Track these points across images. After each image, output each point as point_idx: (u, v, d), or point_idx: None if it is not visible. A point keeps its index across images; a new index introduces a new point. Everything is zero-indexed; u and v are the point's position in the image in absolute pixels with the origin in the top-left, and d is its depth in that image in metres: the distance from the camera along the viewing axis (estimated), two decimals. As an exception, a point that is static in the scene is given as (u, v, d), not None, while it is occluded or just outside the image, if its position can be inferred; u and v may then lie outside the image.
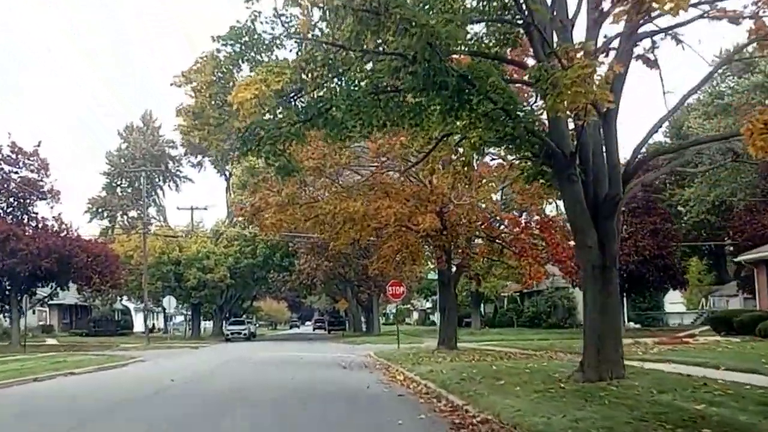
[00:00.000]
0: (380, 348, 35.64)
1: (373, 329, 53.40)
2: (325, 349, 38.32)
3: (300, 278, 51.55)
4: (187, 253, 52.49)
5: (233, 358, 28.84)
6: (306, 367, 22.32)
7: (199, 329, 59.34)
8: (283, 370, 20.64)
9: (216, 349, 40.62)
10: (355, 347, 40.22)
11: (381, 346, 40.29)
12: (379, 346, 40.47)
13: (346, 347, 40.31)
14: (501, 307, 68.34)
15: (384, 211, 19.77)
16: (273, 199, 22.02)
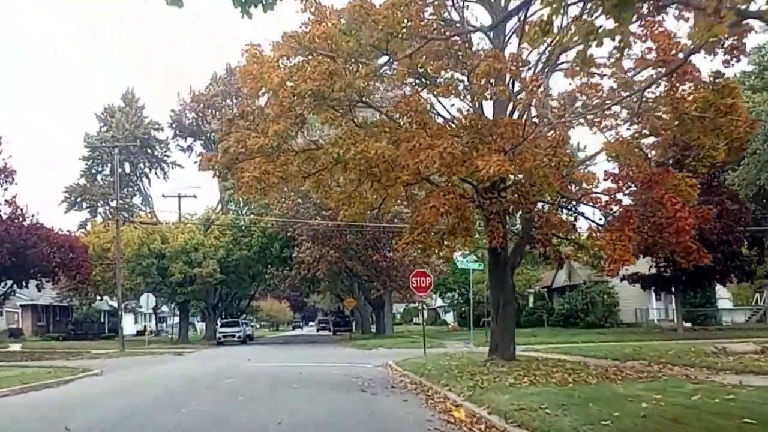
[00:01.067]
0: (400, 353, 29.04)
1: (385, 330, 46.63)
2: (331, 355, 31.59)
3: (300, 271, 44.82)
4: (172, 245, 45.79)
5: (211, 371, 22.08)
6: (307, 389, 15.56)
7: (187, 331, 52.57)
8: (273, 399, 13.87)
9: (201, 357, 33.91)
10: (368, 352, 33.50)
11: (399, 350, 33.68)
12: (397, 350, 33.82)
13: (356, 353, 33.61)
14: (526, 305, 61.60)
15: (422, 153, 13.00)
16: (254, 141, 15.21)
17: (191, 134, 61.57)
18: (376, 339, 44.69)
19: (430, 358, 23.61)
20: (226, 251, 46.24)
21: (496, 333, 18.18)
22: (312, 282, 50.71)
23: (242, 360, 27.92)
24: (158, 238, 45.54)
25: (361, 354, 32.41)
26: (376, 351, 35.09)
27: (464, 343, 38.65)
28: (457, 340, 41.53)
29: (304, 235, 44.19)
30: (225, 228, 46.92)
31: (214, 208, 50.00)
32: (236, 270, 49.75)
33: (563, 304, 48.56)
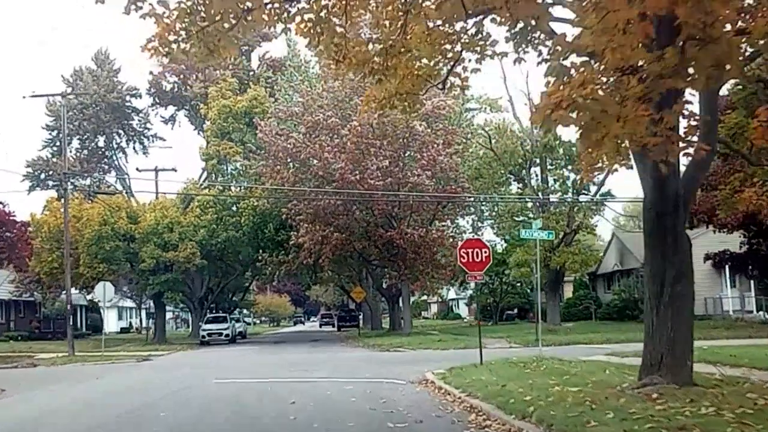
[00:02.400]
0: (433, 358, 21.07)
1: (403, 326, 38.35)
2: (338, 360, 23.34)
3: (300, 256, 36.60)
4: (142, 225, 37.61)
5: (141, 403, 13.65)
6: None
7: (164, 328, 44.35)
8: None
9: (162, 366, 25.76)
10: (386, 356, 25.36)
11: (428, 353, 25.62)
12: (425, 353, 25.71)
13: (371, 356, 25.40)
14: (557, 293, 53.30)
15: None
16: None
17: (172, 101, 53.23)
18: (392, 337, 36.46)
19: (496, 370, 15.43)
20: (208, 232, 38.04)
21: (656, 336, 9.69)
22: (314, 269, 42.44)
23: (213, 371, 19.72)
24: (125, 217, 37.30)
25: (378, 358, 24.24)
26: (396, 354, 26.92)
27: (506, 341, 30.48)
28: (489, 337, 33.37)
29: (303, 214, 35.97)
30: (207, 205, 38.67)
31: (196, 181, 41.67)
32: (222, 255, 41.57)
33: (618, 293, 40.21)
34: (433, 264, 36.64)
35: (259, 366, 21.81)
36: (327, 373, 18.15)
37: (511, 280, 53.60)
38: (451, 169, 35.37)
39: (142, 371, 21.31)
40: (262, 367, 21.11)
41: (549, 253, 31.90)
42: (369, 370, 18.72)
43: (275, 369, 20.09)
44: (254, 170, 36.72)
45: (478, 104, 42.58)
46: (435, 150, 35.06)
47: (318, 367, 20.12)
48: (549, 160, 33.48)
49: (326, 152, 34.31)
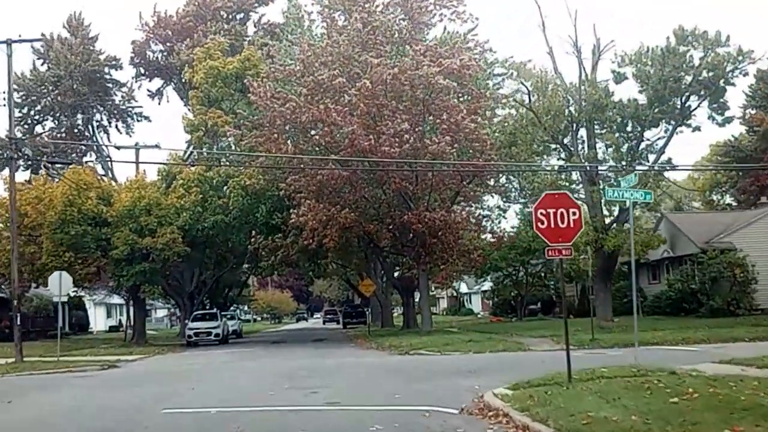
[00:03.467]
0: (476, 365, 15.88)
1: (422, 324, 32.62)
2: (349, 369, 17.62)
3: (300, 239, 31.01)
4: (116, 208, 32.04)
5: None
6: None
7: (143, 327, 38.70)
8: None
9: (129, 375, 20.27)
10: (407, 361, 19.81)
11: (464, 357, 20.21)
12: (461, 358, 20.27)
13: (389, 362, 19.74)
14: (588, 286, 47.61)
15: None
16: None
17: (158, 73, 47.63)
18: (409, 336, 30.80)
19: (605, 393, 9.79)
20: (192, 215, 32.40)
21: None
22: (316, 256, 36.78)
23: (177, 389, 14.11)
24: (94, 197, 31.69)
25: (400, 366, 18.64)
26: (420, 358, 21.35)
27: (552, 341, 24.87)
28: (528, 336, 27.75)
29: (304, 190, 30.37)
30: (192, 184, 33.01)
31: (180, 156, 35.86)
32: (209, 242, 35.95)
33: (673, 284, 34.41)
34: (458, 250, 31.03)
35: (244, 379, 16.20)
36: (336, 392, 12.53)
37: (537, 271, 48.03)
38: (478, 137, 29.71)
39: (82, 388, 15.66)
40: (247, 381, 15.50)
41: (601, 234, 26.21)
42: (394, 387, 13.12)
43: (264, 385, 14.48)
44: (246, 141, 31.06)
45: (504, 68, 36.85)
46: (459, 114, 29.44)
47: (323, 381, 14.50)
48: (597, 123, 27.71)
49: (334, 113, 28.67)
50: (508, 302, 54.10)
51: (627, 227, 26.75)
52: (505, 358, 19.44)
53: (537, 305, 54.11)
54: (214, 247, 37.52)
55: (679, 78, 26.72)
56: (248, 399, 12.31)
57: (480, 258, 31.50)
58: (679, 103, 27.47)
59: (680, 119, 27.64)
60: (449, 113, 29.49)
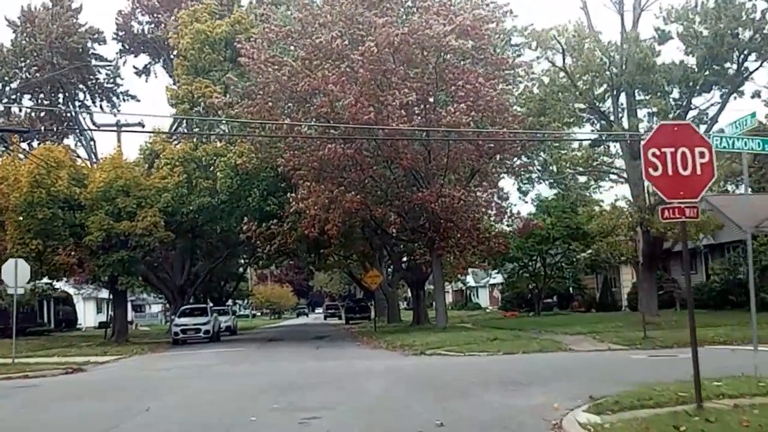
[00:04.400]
0: (517, 371, 12.98)
1: (437, 319, 28.85)
2: (358, 379, 13.85)
3: (299, 225, 27.31)
4: (90, 189, 28.33)
5: None
6: None
7: (125, 323, 34.91)
8: None
9: (83, 384, 16.69)
10: (426, 363, 16.05)
11: (494, 360, 16.72)
12: (491, 361, 16.70)
13: (406, 366, 15.96)
14: (611, 278, 43.97)
15: None
16: None
17: (145, 48, 43.83)
18: (422, 333, 27.04)
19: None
20: (175, 197, 28.68)
21: None
22: (317, 245, 33.07)
23: (121, 413, 10.39)
24: (66, 177, 27.97)
25: (418, 370, 15.01)
26: (441, 360, 17.73)
27: (593, 339, 21.20)
28: (560, 333, 24.08)
29: (303, 168, 26.65)
30: (176, 162, 29.27)
31: (164, 132, 31.97)
32: (198, 228, 32.29)
33: (722, 272, 30.60)
34: (478, 236, 27.36)
35: (223, 391, 12.50)
36: (344, 419, 8.86)
37: (557, 262, 44.29)
38: (499, 106, 26.01)
39: (2, 407, 11.98)
40: (225, 396, 11.79)
41: (647, 215, 22.48)
42: (426, 408, 9.43)
43: (246, 402, 10.81)
44: (236, 112, 27.33)
45: (524, 38, 33.07)
46: (477, 79, 25.75)
47: (325, 398, 10.84)
48: (640, 88, 23.91)
49: (331, 83, 24.99)
50: (522, 296, 50.38)
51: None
52: (550, 362, 15.77)
53: (552, 299, 50.48)
54: (203, 235, 33.83)
55: (736, 34, 22.97)
56: (217, 428, 8.63)
57: (502, 245, 27.79)
58: (735, 65, 23.73)
59: (736, 83, 23.90)
60: (465, 79, 25.83)
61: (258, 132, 27.34)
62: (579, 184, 30.36)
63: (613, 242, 23.40)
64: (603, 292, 43.98)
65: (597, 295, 45.52)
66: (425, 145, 27.53)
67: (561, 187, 30.48)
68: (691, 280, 34.68)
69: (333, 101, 25.35)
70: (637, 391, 9.17)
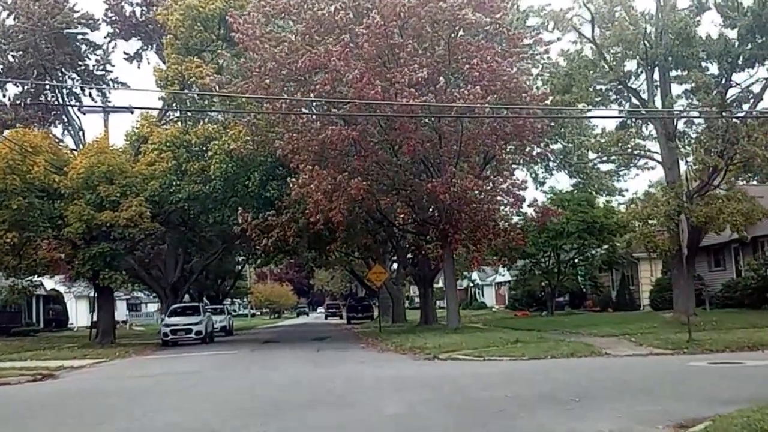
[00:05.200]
0: (561, 381, 11.15)
1: (448, 319, 26.42)
2: (369, 393, 11.46)
3: (297, 216, 24.95)
4: (71, 177, 25.95)
5: None
6: None
7: (112, 323, 32.43)
8: None
9: (42, 395, 14.27)
10: (447, 371, 13.62)
11: (522, 366, 14.91)
12: (519, 367, 14.40)
13: (426, 377, 13.43)
14: (630, 276, 41.56)
15: None
16: None
17: (136, 32, 41.35)
18: (432, 334, 24.67)
19: None
20: (164, 185, 26.30)
21: None
22: (318, 241, 30.71)
23: None
24: (43, 163, 25.59)
25: (439, 380, 12.63)
26: (460, 367, 15.31)
27: (631, 342, 18.80)
28: (588, 335, 21.71)
29: (303, 152, 24.25)
30: (164, 147, 26.88)
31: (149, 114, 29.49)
32: (191, 220, 29.94)
33: (760, 268, 28.09)
34: (494, 228, 24.98)
35: (200, 410, 10.12)
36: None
37: (570, 258, 41.88)
38: (518, 86, 23.62)
39: None
40: (202, 416, 9.42)
41: (687, 203, 20.07)
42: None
43: (227, 426, 8.46)
44: (230, 90, 24.93)
45: (540, 18, 30.68)
46: (494, 57, 23.37)
47: (328, 420, 8.49)
48: (677, 62, 21.47)
49: (334, 57, 22.60)
50: (532, 294, 47.97)
51: (722, 193, 20.68)
52: (591, 370, 13.38)
53: (563, 298, 48.08)
54: (195, 227, 31.46)
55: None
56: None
57: (519, 238, 25.41)
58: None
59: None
60: (481, 57, 23.44)
61: (254, 113, 24.97)
62: (601, 173, 27.93)
63: (648, 233, 20.98)
64: (620, 290, 41.57)
65: (613, 293, 43.11)
66: (435, 130, 25.18)
67: (581, 176, 28.00)
68: (716, 278, 32.55)
69: (336, 78, 22.98)
70: (742, 414, 6.84)
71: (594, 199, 39.18)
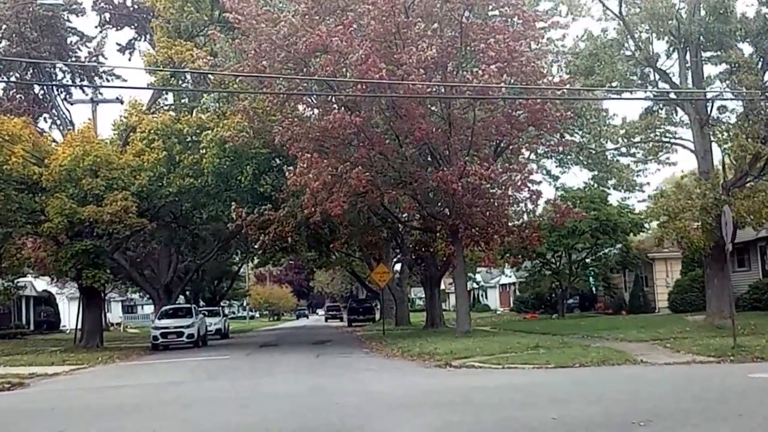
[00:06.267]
0: (662, 412, 7.33)
1: (458, 322, 24.50)
2: (383, 422, 9.65)
3: (295, 211, 23.06)
4: (52, 169, 24.04)
5: None
6: None
7: (101, 325, 30.47)
8: None
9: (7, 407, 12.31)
10: (466, 379, 11.72)
11: (563, 375, 12.82)
12: (545, 379, 12.44)
13: (447, 391, 11.42)
14: (642, 275, 39.60)
15: None
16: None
17: (126, 20, 39.52)
18: (441, 338, 22.81)
19: None
20: (152, 177, 24.39)
21: None
22: (317, 240, 28.83)
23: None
24: (21, 153, 23.67)
25: (456, 393, 10.71)
26: (480, 377, 13.42)
27: (666, 348, 16.90)
28: (608, 338, 19.83)
29: (302, 140, 22.34)
30: (153, 136, 24.98)
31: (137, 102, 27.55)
32: (182, 216, 28.07)
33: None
34: (507, 225, 23.09)
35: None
36: None
37: (582, 258, 39.95)
38: (536, 70, 21.74)
39: None
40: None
41: (723, 195, 18.18)
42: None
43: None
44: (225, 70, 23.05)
45: (552, 1, 28.84)
46: (510, 37, 21.52)
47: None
48: (713, 41, 19.58)
49: (337, 37, 20.72)
50: (541, 296, 46.07)
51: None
52: (638, 383, 11.48)
53: (572, 300, 46.13)
54: (188, 223, 29.57)
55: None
56: None
57: (536, 237, 23.52)
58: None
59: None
60: (495, 37, 21.57)
61: (251, 96, 23.13)
62: (621, 166, 26.08)
63: (683, 227, 19.03)
64: (634, 291, 39.65)
65: (626, 295, 41.19)
66: (444, 119, 23.31)
67: (600, 167, 26.12)
68: (740, 279, 30.62)
69: (338, 61, 21.11)
70: None
71: (606, 196, 37.32)
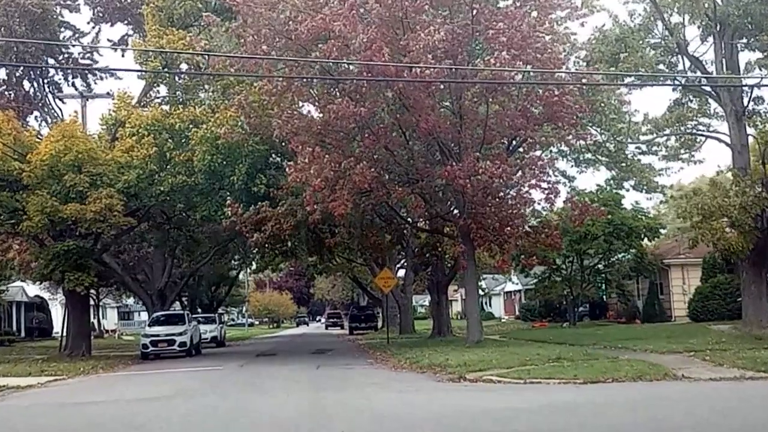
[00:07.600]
0: None
1: (468, 331, 22.73)
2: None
3: (294, 209, 21.40)
4: (34, 164, 22.36)
5: None
6: None
7: (88, 332, 28.63)
8: None
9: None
10: (489, 397, 9.94)
11: (598, 392, 10.98)
12: (609, 397, 10.44)
13: (487, 423, 9.85)
14: (657, 282, 37.82)
15: None
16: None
17: (120, 14, 37.98)
18: (451, 348, 21.09)
19: None
20: (141, 175, 22.71)
21: None
22: (317, 243, 27.15)
23: None
24: (0, 147, 22.03)
25: (481, 416, 8.98)
26: (503, 394, 11.70)
27: (704, 361, 15.18)
28: (633, 349, 18.15)
29: (303, 132, 20.70)
30: (143, 131, 23.34)
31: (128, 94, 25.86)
32: (176, 217, 26.40)
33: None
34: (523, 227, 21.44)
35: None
36: None
37: (594, 264, 38.22)
38: (551, 58, 20.13)
39: None
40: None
41: (765, 192, 16.53)
42: None
43: None
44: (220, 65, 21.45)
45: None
46: (524, 21, 19.94)
47: None
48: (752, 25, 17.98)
49: (340, 22, 19.11)
50: (550, 304, 44.33)
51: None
52: (684, 402, 9.79)
53: (583, 307, 44.35)
54: (181, 225, 27.92)
55: None
56: None
57: (556, 236, 21.85)
58: None
59: None
60: (509, 23, 20.01)
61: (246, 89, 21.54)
62: (643, 166, 24.43)
63: (719, 228, 17.34)
64: (648, 299, 37.90)
65: (639, 303, 39.45)
66: (454, 112, 21.71)
67: (620, 167, 24.46)
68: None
69: (341, 47, 19.50)
70: None
71: (620, 198, 35.70)
